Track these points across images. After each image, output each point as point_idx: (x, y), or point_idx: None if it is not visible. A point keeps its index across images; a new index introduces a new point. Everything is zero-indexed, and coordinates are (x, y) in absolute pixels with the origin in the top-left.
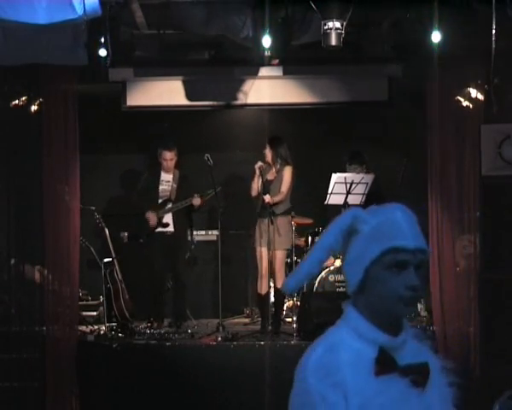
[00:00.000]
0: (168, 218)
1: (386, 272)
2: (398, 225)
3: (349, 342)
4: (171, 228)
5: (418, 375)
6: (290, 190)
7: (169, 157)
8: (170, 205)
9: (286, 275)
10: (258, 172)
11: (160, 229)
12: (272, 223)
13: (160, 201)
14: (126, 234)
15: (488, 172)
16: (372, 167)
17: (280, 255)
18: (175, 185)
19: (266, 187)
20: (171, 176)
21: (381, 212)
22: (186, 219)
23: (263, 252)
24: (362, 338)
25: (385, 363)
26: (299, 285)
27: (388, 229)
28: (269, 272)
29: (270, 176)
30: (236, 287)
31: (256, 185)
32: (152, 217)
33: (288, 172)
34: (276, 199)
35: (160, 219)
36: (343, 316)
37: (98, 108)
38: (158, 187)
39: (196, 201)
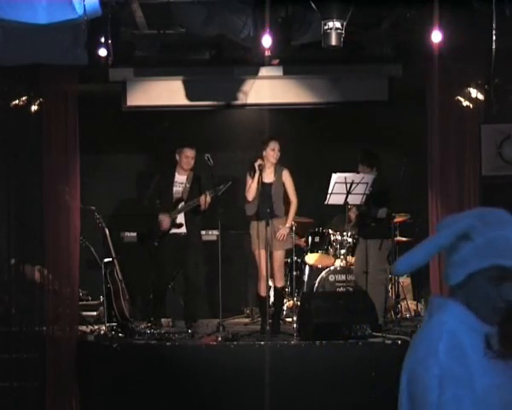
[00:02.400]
0: (181, 218)
1: (488, 282)
2: (509, 244)
3: (461, 330)
4: (183, 229)
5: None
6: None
7: (191, 154)
8: (181, 205)
9: (285, 275)
10: (258, 170)
11: (173, 230)
12: (268, 224)
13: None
14: (131, 234)
15: (488, 171)
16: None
17: (279, 255)
18: (188, 185)
19: (267, 190)
20: (185, 177)
21: (495, 226)
22: (198, 219)
23: (262, 254)
24: (468, 327)
25: (491, 348)
26: (408, 271)
27: (500, 246)
28: (268, 274)
29: (267, 179)
30: (236, 287)
31: (255, 186)
32: (165, 220)
33: (289, 176)
34: (291, 218)
35: (173, 219)
36: (442, 307)
37: (98, 108)
38: (171, 189)
39: (203, 199)
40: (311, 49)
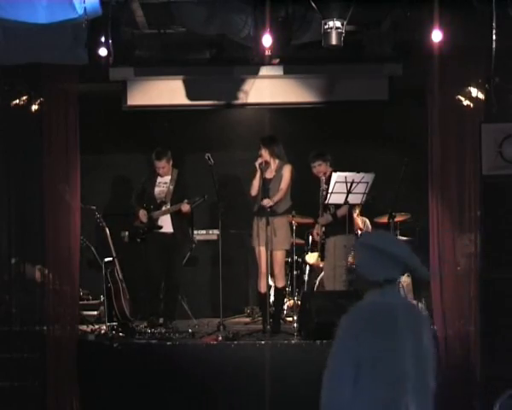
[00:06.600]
0: (165, 220)
1: None
2: None
3: None
4: (170, 229)
5: None
6: (289, 189)
7: (160, 166)
8: (164, 207)
9: (286, 274)
10: (258, 169)
11: (159, 230)
12: (269, 223)
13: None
14: (127, 233)
15: (489, 171)
16: (372, 167)
17: (279, 256)
18: (172, 187)
19: (266, 185)
20: (168, 177)
21: None
22: (186, 219)
23: (261, 251)
24: None
25: None
26: None
27: None
28: (268, 271)
29: (269, 174)
30: (237, 286)
31: (257, 183)
32: (142, 214)
33: (287, 171)
34: (276, 198)
35: (154, 220)
36: None
37: (99, 108)
38: (154, 189)
39: (185, 207)
40: (312, 48)
